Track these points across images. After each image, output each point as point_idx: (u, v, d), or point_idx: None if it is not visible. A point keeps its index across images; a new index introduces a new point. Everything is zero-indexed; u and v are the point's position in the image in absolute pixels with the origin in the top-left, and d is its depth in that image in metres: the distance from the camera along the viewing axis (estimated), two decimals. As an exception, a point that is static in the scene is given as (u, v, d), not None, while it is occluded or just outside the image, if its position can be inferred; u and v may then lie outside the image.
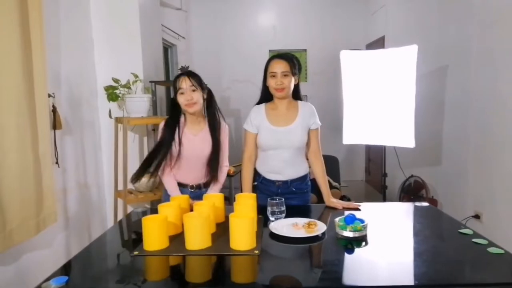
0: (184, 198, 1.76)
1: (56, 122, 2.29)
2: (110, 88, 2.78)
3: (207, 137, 2.03)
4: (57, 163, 2.31)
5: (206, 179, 2.05)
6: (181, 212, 1.58)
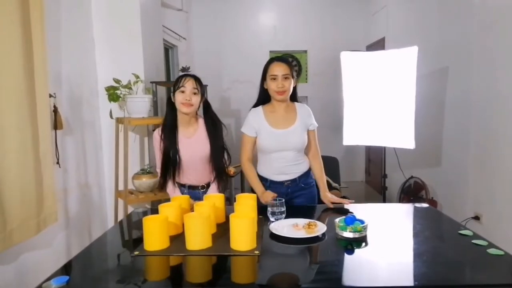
0: (185, 198, 1.77)
1: (57, 122, 2.29)
2: (111, 88, 2.79)
3: (202, 136, 2.03)
4: (58, 163, 2.31)
5: (213, 177, 2.08)
6: (181, 212, 1.59)
